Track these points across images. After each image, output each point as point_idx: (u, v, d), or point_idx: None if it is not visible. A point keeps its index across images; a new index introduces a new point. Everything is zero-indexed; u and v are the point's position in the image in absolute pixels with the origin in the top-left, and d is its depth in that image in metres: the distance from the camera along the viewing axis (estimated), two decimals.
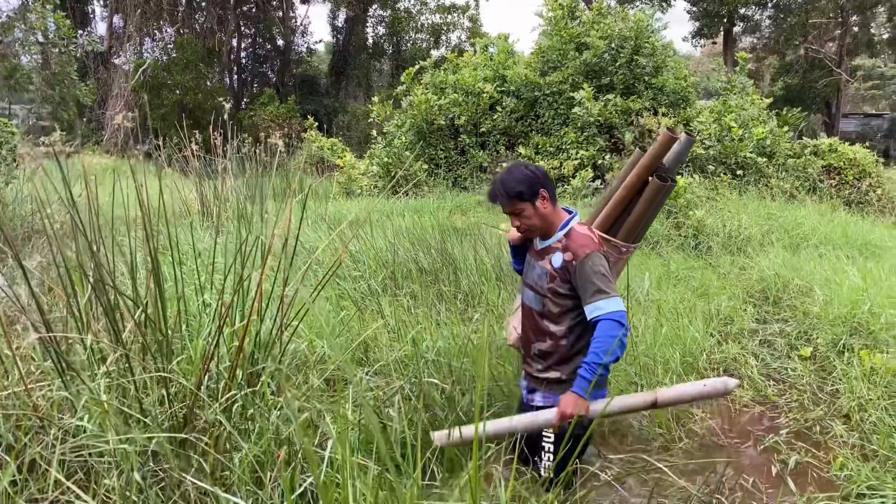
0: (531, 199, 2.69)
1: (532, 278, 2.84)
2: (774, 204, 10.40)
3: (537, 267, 2.81)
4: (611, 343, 2.51)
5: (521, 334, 3.02)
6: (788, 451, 3.63)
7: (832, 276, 6.44)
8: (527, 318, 2.94)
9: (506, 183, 2.71)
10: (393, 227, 8.10)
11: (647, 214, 3.12)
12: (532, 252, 2.90)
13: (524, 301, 2.95)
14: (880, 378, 4.10)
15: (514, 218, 2.77)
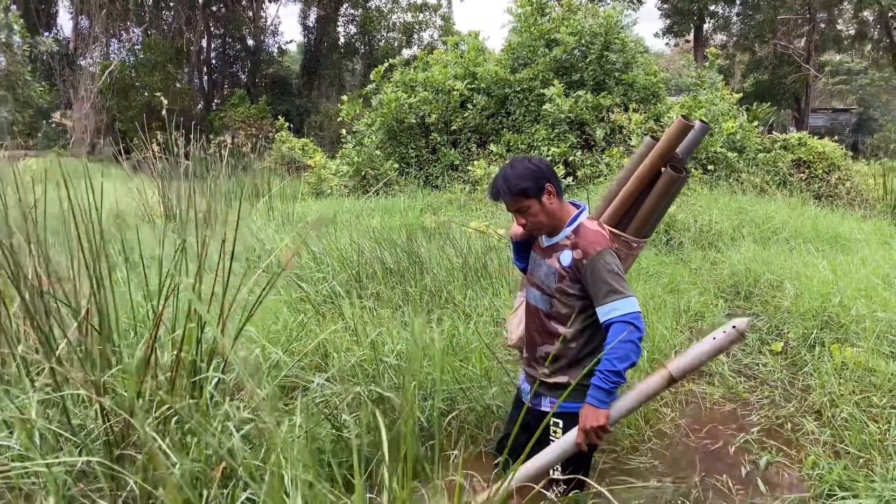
0: (537, 196, 2.53)
1: (538, 277, 2.67)
2: (745, 198, 10.39)
3: (544, 265, 2.65)
4: (626, 349, 2.35)
5: (526, 335, 2.84)
6: (760, 450, 3.53)
7: (802, 269, 6.41)
8: (532, 319, 2.75)
9: (508, 179, 2.54)
10: (360, 227, 7.94)
11: (659, 207, 2.87)
12: (537, 249, 2.74)
13: (529, 300, 2.79)
14: (851, 372, 4.03)
15: (519, 216, 2.60)
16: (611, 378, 2.36)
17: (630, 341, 2.36)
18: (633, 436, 3.53)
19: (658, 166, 2.85)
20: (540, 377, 2.70)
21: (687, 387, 4.30)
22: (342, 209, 10.63)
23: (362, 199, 11.51)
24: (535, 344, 2.74)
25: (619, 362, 2.36)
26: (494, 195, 2.61)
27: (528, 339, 2.80)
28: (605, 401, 2.37)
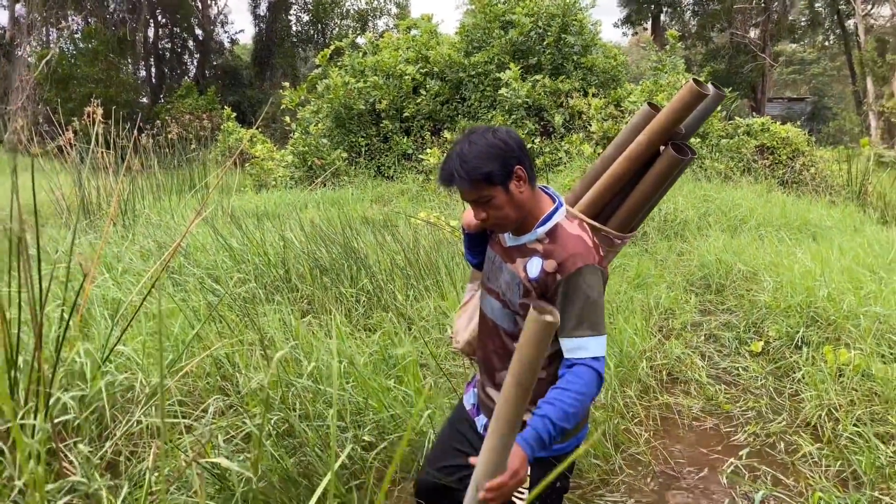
0: (503, 182, 1.85)
1: (498, 284, 2.02)
2: (710, 185, 9.94)
3: (505, 271, 1.99)
4: (586, 402, 1.77)
5: (481, 353, 2.14)
6: (752, 479, 2.95)
7: (777, 259, 5.91)
8: (490, 337, 2.07)
9: (466, 159, 1.85)
10: (298, 220, 7.21)
11: (654, 196, 2.17)
12: (496, 247, 2.07)
13: (485, 311, 2.09)
14: (848, 379, 3.49)
15: (479, 208, 1.91)
16: (556, 432, 1.73)
17: (592, 395, 1.78)
18: (602, 466, 2.92)
19: (657, 144, 2.14)
20: None
21: (662, 399, 3.71)
22: (284, 201, 9.87)
23: (307, 190, 10.75)
24: (493, 368, 2.07)
25: (573, 418, 1.74)
26: (447, 179, 1.88)
27: (484, 358, 2.13)
28: (536, 452, 1.74)
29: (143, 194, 8.53)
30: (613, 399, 3.37)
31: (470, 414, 2.21)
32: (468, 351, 2.31)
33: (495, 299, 2.01)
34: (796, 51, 39.93)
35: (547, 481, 1.10)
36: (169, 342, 3.44)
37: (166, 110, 30.28)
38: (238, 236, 5.48)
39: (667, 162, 2.05)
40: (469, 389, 2.29)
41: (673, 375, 4.09)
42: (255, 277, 4.86)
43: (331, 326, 4.08)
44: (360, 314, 4.45)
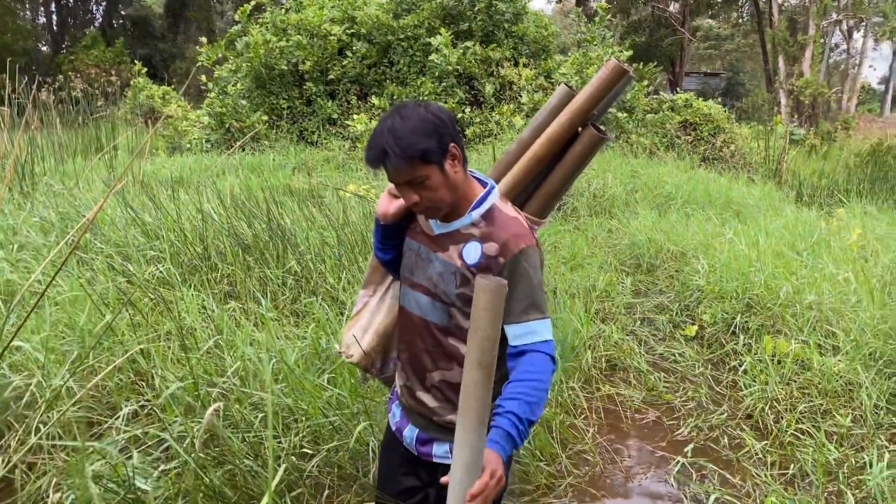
0: (439, 161, 1.67)
1: (427, 277, 1.83)
2: (637, 161, 10.00)
3: (436, 262, 1.81)
4: (545, 389, 1.62)
5: (406, 356, 1.94)
6: (699, 478, 2.90)
7: (706, 240, 5.95)
8: (418, 335, 1.87)
9: (400, 135, 1.65)
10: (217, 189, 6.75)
11: (574, 177, 2.11)
12: (420, 237, 1.88)
13: (409, 309, 1.88)
14: (787, 370, 3.49)
15: (411, 191, 1.71)
16: (524, 426, 1.58)
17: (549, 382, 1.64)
18: (548, 468, 2.79)
19: (577, 124, 2.04)
20: (430, 414, 1.87)
21: (604, 390, 3.62)
22: (200, 167, 9.29)
23: (225, 155, 10.17)
24: (424, 369, 1.87)
25: (538, 409, 1.60)
26: (378, 158, 1.64)
27: (411, 360, 1.92)
28: (508, 452, 1.57)
29: (44, 156, 7.81)
30: (559, 393, 3.25)
31: (397, 435, 2.01)
32: (366, 363, 2.11)
33: (423, 294, 1.83)
34: (713, 26, 41.00)
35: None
36: (74, 335, 3.07)
37: (69, 62, 28.22)
38: (151, 209, 5.03)
39: (588, 142, 1.99)
40: (392, 407, 2.08)
41: (612, 363, 4.02)
42: (170, 256, 4.46)
43: (256, 313, 3.79)
44: (288, 298, 4.16)
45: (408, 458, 1.99)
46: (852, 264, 4.82)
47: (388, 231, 1.95)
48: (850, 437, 2.97)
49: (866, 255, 5.45)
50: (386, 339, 2.12)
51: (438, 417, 1.86)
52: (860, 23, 29.20)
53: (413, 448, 1.94)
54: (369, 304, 2.15)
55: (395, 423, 2.04)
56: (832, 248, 5.45)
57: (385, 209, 1.90)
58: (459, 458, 1.41)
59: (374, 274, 2.18)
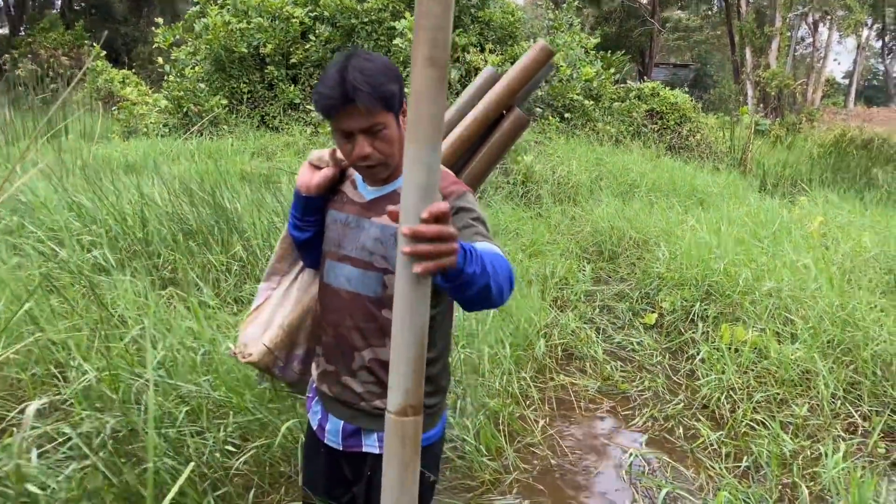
0: (397, 112, 1.57)
1: (358, 247, 1.70)
2: (602, 149, 9.92)
3: (371, 228, 1.68)
4: (501, 262, 1.41)
5: (331, 339, 1.77)
6: (651, 470, 2.78)
7: (668, 227, 5.86)
8: (347, 314, 1.70)
9: (370, 74, 1.50)
10: (166, 174, 6.48)
11: (500, 158, 2.06)
12: (348, 207, 1.74)
13: (334, 285, 1.72)
14: (745, 358, 3.39)
15: (367, 140, 1.56)
16: (477, 263, 1.28)
17: (507, 276, 1.41)
18: (493, 464, 2.64)
19: (504, 105, 2.00)
20: (361, 403, 1.72)
21: (558, 379, 3.50)
22: (154, 151, 8.97)
23: (182, 139, 9.84)
24: (352, 350, 1.71)
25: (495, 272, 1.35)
26: (342, 97, 1.49)
27: (337, 342, 1.76)
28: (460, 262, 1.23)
29: None
30: (508, 383, 3.11)
31: (319, 434, 1.85)
32: (267, 362, 1.94)
33: (352, 266, 1.70)
34: (682, 18, 41.22)
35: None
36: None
37: (26, 44, 27.33)
38: (90, 192, 4.78)
39: (516, 122, 1.95)
40: (311, 405, 1.93)
41: (569, 351, 3.89)
42: (108, 241, 4.23)
43: (194, 301, 3.59)
44: (231, 285, 3.96)
45: (333, 457, 1.84)
46: (813, 252, 4.76)
47: (310, 205, 1.80)
48: (807, 428, 2.87)
49: (827, 242, 5.40)
50: (292, 335, 1.96)
51: (367, 403, 1.71)
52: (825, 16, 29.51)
53: (338, 443, 1.78)
54: (272, 298, 1.98)
55: (317, 421, 1.90)
56: (793, 236, 5.40)
57: (307, 181, 1.75)
58: (412, 180, 1.08)
59: (280, 263, 2.02)
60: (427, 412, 1.83)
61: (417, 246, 1.09)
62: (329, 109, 1.52)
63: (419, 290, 1.13)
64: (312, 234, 1.85)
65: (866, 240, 5.38)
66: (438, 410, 1.87)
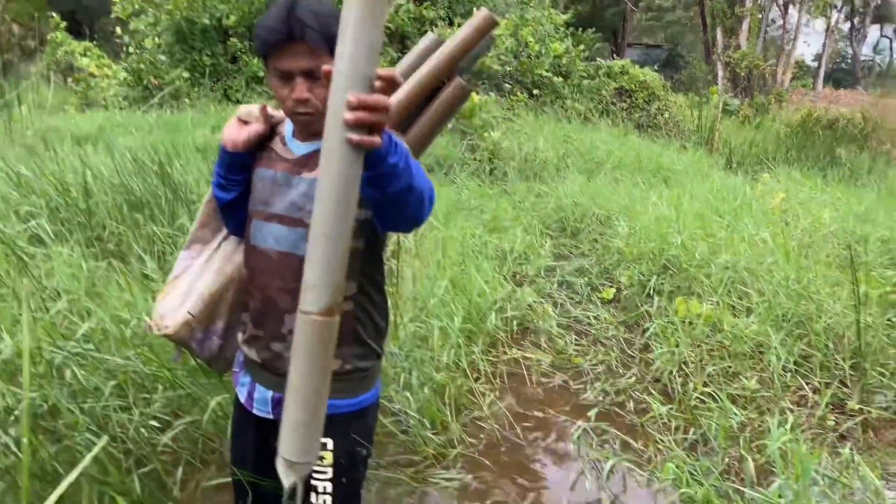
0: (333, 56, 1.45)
1: (288, 205, 1.62)
2: (570, 126, 9.86)
3: (300, 183, 1.60)
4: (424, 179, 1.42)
5: (259, 304, 1.68)
6: (601, 442, 2.73)
7: (631, 203, 5.82)
8: (276, 275, 1.62)
9: (320, 14, 1.45)
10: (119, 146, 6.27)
11: (439, 128, 1.97)
12: (277, 164, 1.65)
13: (262, 246, 1.64)
14: (699, 331, 3.35)
15: (307, 83, 1.48)
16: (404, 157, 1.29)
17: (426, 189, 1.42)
18: (437, 438, 2.57)
19: (446, 72, 1.90)
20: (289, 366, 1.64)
21: (510, 353, 3.43)
22: (111, 123, 8.70)
23: (141, 112, 9.57)
24: (280, 313, 1.63)
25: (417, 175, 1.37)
26: (288, 32, 1.43)
27: (264, 307, 1.68)
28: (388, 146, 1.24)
29: None
30: (457, 357, 3.03)
31: (247, 407, 1.77)
32: (185, 335, 1.84)
33: (281, 224, 1.63)
34: None
35: None
36: None
37: None
38: (31, 162, 4.58)
39: (458, 91, 1.83)
40: (237, 378, 1.84)
41: (524, 325, 3.83)
42: (48, 212, 4.07)
43: (136, 273, 3.46)
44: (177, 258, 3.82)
45: (262, 428, 1.76)
46: (772, 227, 4.74)
47: (236, 162, 1.70)
48: (756, 401, 2.84)
49: (787, 218, 5.40)
50: (211, 307, 1.86)
51: None
52: None
53: (268, 412, 1.71)
54: (191, 268, 1.87)
55: (245, 392, 1.81)
56: (754, 212, 5.38)
57: (234, 136, 1.65)
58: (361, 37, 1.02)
59: (202, 230, 1.90)
60: (360, 375, 1.74)
61: (359, 113, 1.02)
62: (272, 46, 1.44)
63: (352, 171, 1.03)
64: (237, 194, 1.75)
65: (826, 216, 5.39)
66: (372, 374, 1.79)
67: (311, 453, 1.18)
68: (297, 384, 1.12)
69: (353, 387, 1.74)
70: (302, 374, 1.12)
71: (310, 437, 1.17)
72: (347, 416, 1.75)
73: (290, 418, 1.14)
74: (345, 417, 1.75)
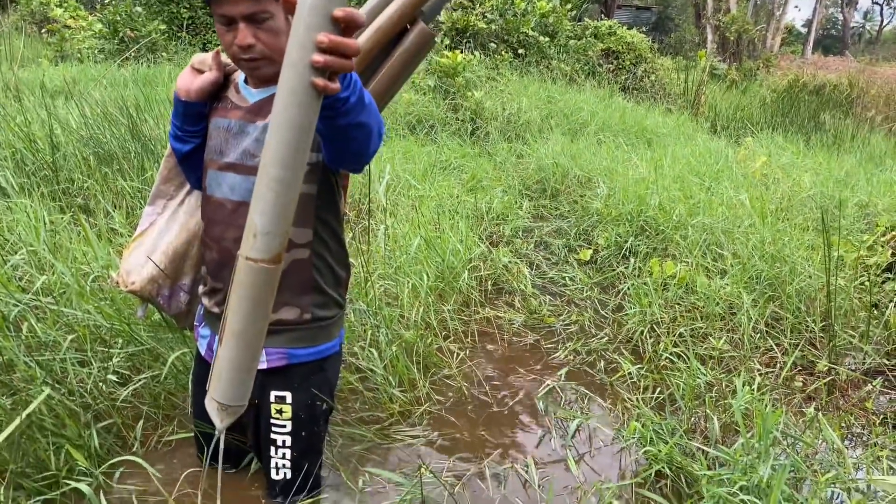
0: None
1: (239, 154, 1.59)
2: (555, 87, 9.73)
3: (253, 131, 1.57)
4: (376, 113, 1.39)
5: (216, 255, 1.68)
6: (568, 402, 2.72)
7: (612, 165, 5.77)
8: (232, 225, 1.62)
9: None
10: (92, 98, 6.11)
11: (403, 77, 1.89)
12: (231, 112, 1.61)
13: (218, 196, 1.64)
14: (673, 293, 3.34)
15: (251, 28, 1.43)
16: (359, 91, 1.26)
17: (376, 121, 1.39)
18: (404, 396, 2.55)
19: (408, 18, 1.83)
20: None
21: (482, 313, 3.41)
22: (85, 76, 8.48)
23: (116, 65, 9.32)
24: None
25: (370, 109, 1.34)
26: None
27: (219, 258, 1.66)
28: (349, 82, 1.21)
29: None
30: (428, 315, 3.00)
31: (207, 359, 1.75)
32: (150, 291, 1.82)
33: (236, 174, 1.60)
34: None
35: None
36: None
37: None
38: None
39: (421, 37, 1.76)
40: (199, 331, 1.82)
41: (499, 286, 3.81)
42: (13, 165, 3.96)
43: (102, 227, 3.38)
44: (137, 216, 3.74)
45: None
46: (751, 189, 4.72)
47: (190, 111, 1.65)
48: (724, 361, 2.84)
49: (768, 182, 5.38)
50: (177, 262, 1.83)
51: None
52: None
53: None
54: (156, 224, 1.84)
55: (205, 344, 1.79)
56: (734, 175, 5.36)
57: (187, 84, 1.62)
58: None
59: (165, 185, 1.86)
60: (321, 324, 1.71)
61: (329, 57, 0.95)
62: None
63: (308, 116, 0.96)
64: (194, 146, 1.70)
65: (806, 180, 5.38)
66: (333, 324, 1.76)
67: (246, 397, 1.16)
68: (239, 329, 1.08)
69: (313, 335, 1.70)
70: (246, 320, 1.08)
71: (248, 381, 1.14)
72: (307, 367, 1.73)
73: (229, 363, 1.10)
74: (304, 368, 1.72)
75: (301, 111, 0.96)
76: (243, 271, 1.04)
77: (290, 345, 1.67)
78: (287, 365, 1.69)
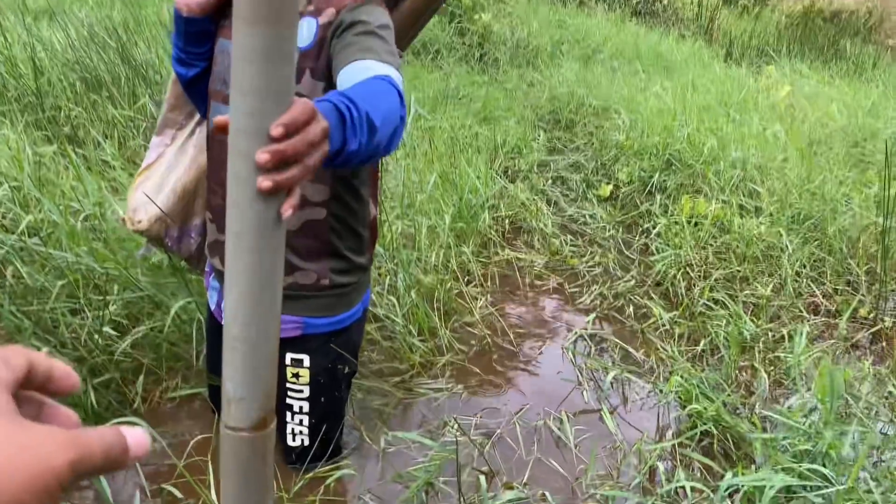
0: None
1: None
2: (565, 10, 9.27)
3: None
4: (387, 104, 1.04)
5: (220, 200, 1.44)
6: (598, 351, 2.55)
7: (631, 94, 5.46)
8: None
9: None
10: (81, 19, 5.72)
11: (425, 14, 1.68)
12: None
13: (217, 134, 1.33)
14: (705, 233, 3.13)
15: None
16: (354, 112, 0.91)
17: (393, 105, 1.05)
18: (424, 345, 2.37)
19: None
20: None
21: (503, 254, 3.20)
22: None
23: None
24: None
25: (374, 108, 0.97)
26: None
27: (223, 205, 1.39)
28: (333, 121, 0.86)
29: None
30: (447, 258, 2.80)
31: (216, 316, 1.55)
32: (158, 231, 1.61)
33: None
34: None
35: None
36: None
37: None
38: None
39: None
40: (209, 281, 1.61)
41: (516, 225, 3.59)
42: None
43: (93, 160, 3.14)
44: (139, 144, 3.49)
45: None
46: (781, 121, 4.45)
47: (193, 30, 1.39)
48: (768, 309, 2.66)
49: (795, 113, 5.10)
50: (186, 200, 1.61)
51: None
52: None
53: None
54: (165, 156, 1.61)
55: (215, 300, 1.59)
56: (760, 106, 5.07)
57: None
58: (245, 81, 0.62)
59: (172, 113, 1.62)
60: (340, 292, 1.51)
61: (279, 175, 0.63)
62: None
63: (271, 254, 0.66)
64: (199, 70, 1.46)
65: (834, 110, 5.10)
66: (354, 290, 1.56)
67: None
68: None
69: (332, 304, 1.50)
70: (238, 497, 0.80)
71: None
72: (326, 336, 1.53)
73: None
74: (323, 337, 1.53)
75: (257, 256, 0.64)
76: (227, 443, 0.76)
77: (306, 313, 1.47)
78: (304, 335, 1.49)
